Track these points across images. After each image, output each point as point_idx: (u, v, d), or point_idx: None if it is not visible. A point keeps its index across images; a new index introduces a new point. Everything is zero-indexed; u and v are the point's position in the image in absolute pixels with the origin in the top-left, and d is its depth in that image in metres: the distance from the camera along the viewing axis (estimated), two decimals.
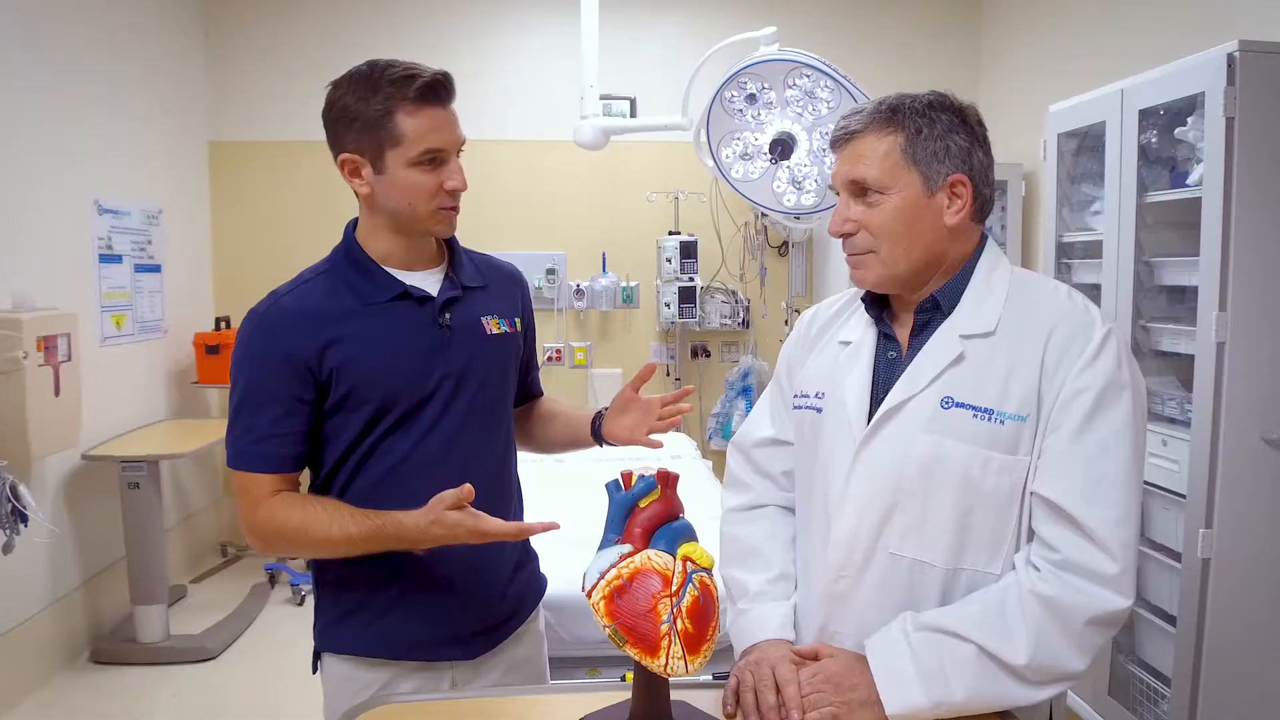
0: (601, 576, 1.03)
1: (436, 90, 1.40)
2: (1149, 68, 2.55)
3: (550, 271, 4.90)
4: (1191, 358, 2.35)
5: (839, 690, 1.18)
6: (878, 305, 1.35)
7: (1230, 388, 2.24)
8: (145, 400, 4.14)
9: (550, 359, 4.94)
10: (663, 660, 1.00)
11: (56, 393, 3.16)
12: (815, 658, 1.25)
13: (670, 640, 0.99)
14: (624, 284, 4.93)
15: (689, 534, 1.08)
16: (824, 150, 2.54)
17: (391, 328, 1.45)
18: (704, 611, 1.01)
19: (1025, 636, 1.15)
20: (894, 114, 1.25)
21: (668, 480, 1.09)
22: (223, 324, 4.49)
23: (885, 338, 1.34)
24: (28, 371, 2.98)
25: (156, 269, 4.20)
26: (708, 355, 5.02)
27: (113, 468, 3.52)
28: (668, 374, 5.00)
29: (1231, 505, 2.25)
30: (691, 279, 4.75)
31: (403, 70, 1.39)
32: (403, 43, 4.70)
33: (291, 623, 3.88)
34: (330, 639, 1.54)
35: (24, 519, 2.41)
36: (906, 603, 1.24)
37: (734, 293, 4.95)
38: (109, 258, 3.81)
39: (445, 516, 1.32)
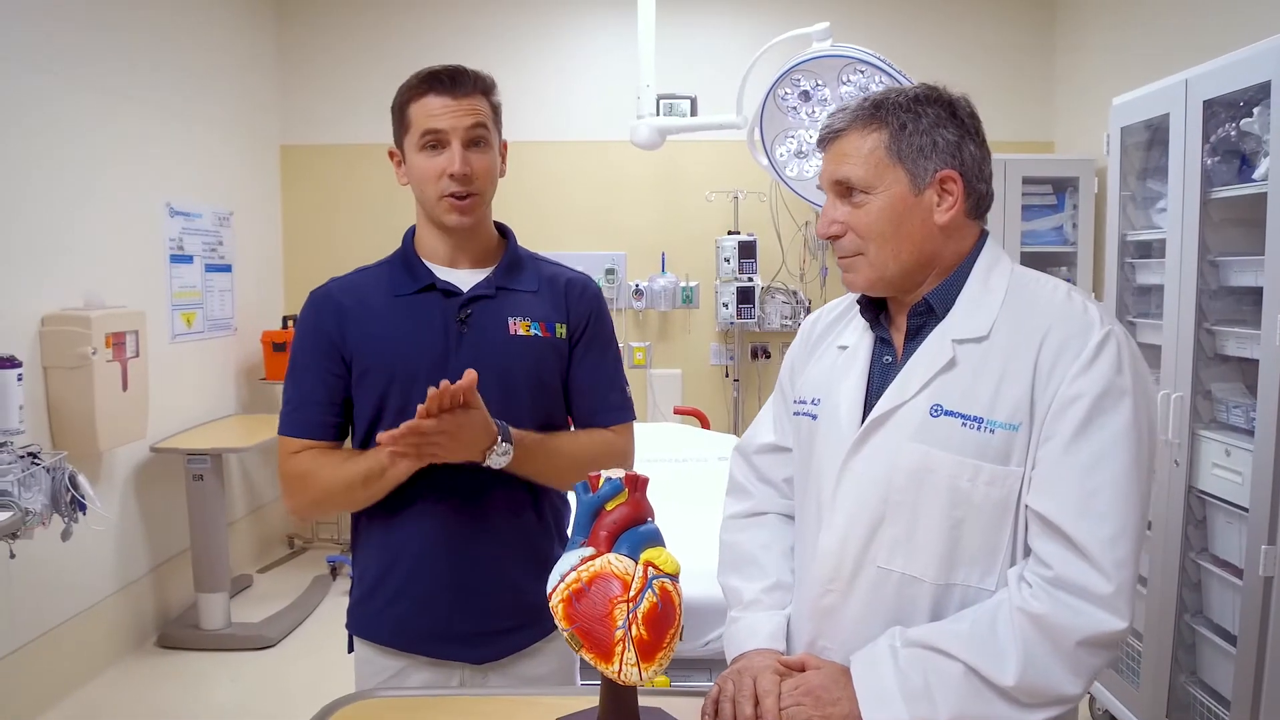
0: (562, 579, 1.02)
1: (439, 77, 1.47)
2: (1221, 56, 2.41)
3: (610, 271, 4.91)
4: (1258, 363, 2.22)
5: (819, 704, 1.15)
6: (874, 308, 1.30)
7: None
8: (215, 395, 4.29)
9: None
10: (616, 666, 0.98)
11: (124, 388, 3.30)
12: (802, 669, 1.22)
13: (625, 646, 0.97)
14: (683, 284, 4.91)
15: (654, 539, 1.06)
16: None
17: (409, 317, 1.51)
18: (661, 619, 0.99)
19: (1015, 656, 1.09)
20: (877, 110, 1.20)
21: (636, 483, 1.07)
22: (290, 322, 4.63)
23: (882, 342, 1.29)
24: (96, 367, 3.12)
25: (227, 269, 4.35)
26: (768, 356, 4.95)
27: (179, 460, 3.66)
28: (726, 375, 4.96)
29: None
30: (750, 279, 4.70)
31: (427, 69, 1.49)
32: (464, 44, 4.78)
33: None
34: (354, 621, 1.60)
35: (82, 508, 2.52)
36: (896, 619, 1.19)
37: (794, 293, 4.88)
38: (180, 258, 3.97)
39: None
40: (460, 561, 1.50)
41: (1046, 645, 1.08)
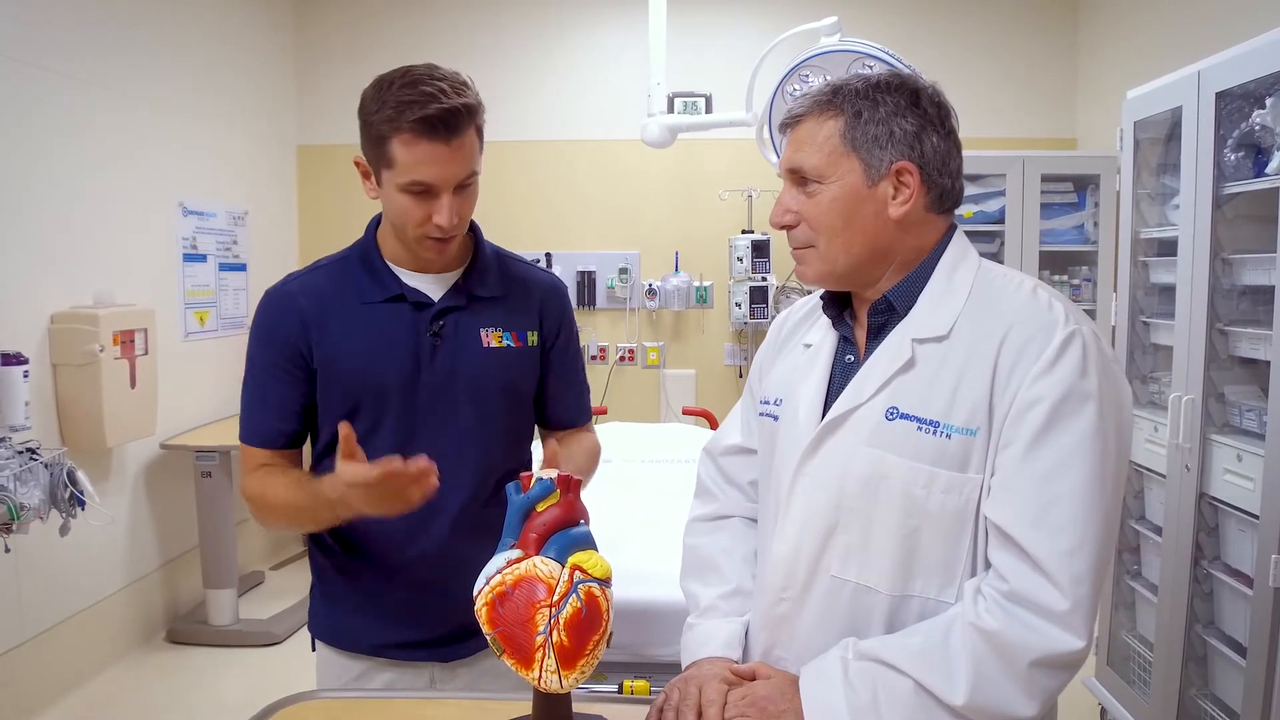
0: (487, 582, 0.99)
1: (433, 124, 1.31)
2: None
3: (624, 271, 4.87)
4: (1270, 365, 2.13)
5: (764, 715, 1.11)
6: (837, 305, 1.25)
7: None
8: (228, 393, 4.32)
9: (622, 359, 4.92)
10: (536, 673, 0.95)
11: (133, 385, 3.32)
12: (753, 678, 1.18)
13: (545, 653, 0.94)
14: (697, 284, 4.86)
15: (584, 542, 1.02)
16: None
17: (380, 328, 1.45)
18: (584, 625, 0.95)
19: (965, 674, 1.03)
20: (835, 96, 1.15)
21: (568, 485, 1.03)
22: None
23: (846, 341, 1.25)
24: (104, 364, 3.15)
25: (242, 268, 4.38)
26: None
27: (188, 457, 3.69)
28: (740, 375, 4.90)
29: None
30: (764, 279, 4.64)
31: (410, 95, 1.33)
32: (477, 44, 4.79)
33: None
34: (314, 624, 1.58)
35: (81, 503, 2.54)
36: (851, 629, 1.14)
37: (808, 292, 4.80)
38: (193, 257, 4.00)
39: (339, 470, 1.25)
40: (423, 567, 1.47)
41: (998, 664, 1.03)
